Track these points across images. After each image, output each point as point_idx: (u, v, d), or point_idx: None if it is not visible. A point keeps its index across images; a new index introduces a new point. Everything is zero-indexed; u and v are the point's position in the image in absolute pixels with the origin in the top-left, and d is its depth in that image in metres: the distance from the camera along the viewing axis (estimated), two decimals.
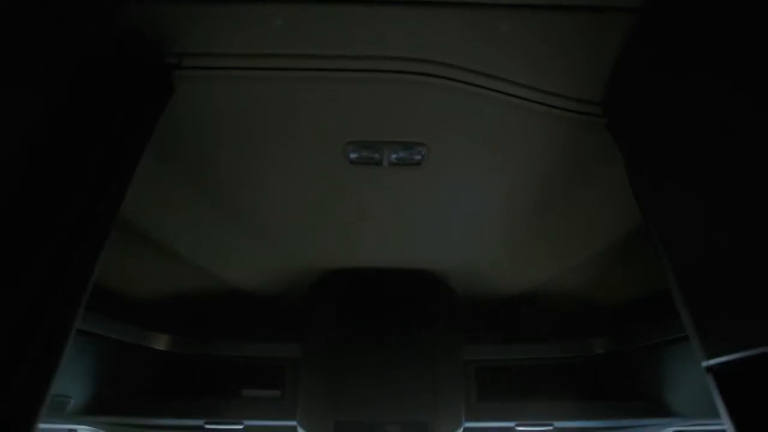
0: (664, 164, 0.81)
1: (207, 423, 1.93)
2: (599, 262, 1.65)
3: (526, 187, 1.25)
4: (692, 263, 0.71)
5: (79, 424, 2.08)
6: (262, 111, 1.01)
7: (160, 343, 1.96)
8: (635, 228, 1.37)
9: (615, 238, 1.47)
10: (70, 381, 1.64)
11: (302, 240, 1.56)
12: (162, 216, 1.40)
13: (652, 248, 0.80)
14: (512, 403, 1.88)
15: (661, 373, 1.77)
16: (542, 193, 1.26)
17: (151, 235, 1.47)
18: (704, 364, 0.66)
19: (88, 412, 1.73)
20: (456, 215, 1.39)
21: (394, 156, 1.14)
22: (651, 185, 0.84)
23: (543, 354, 2.00)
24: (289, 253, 1.65)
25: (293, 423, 1.72)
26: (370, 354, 1.73)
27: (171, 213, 1.39)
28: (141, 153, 0.72)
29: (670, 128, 0.80)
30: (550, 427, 1.90)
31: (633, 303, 1.90)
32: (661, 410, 1.79)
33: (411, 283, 1.80)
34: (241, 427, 1.94)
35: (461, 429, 1.69)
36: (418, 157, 1.13)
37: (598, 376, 1.95)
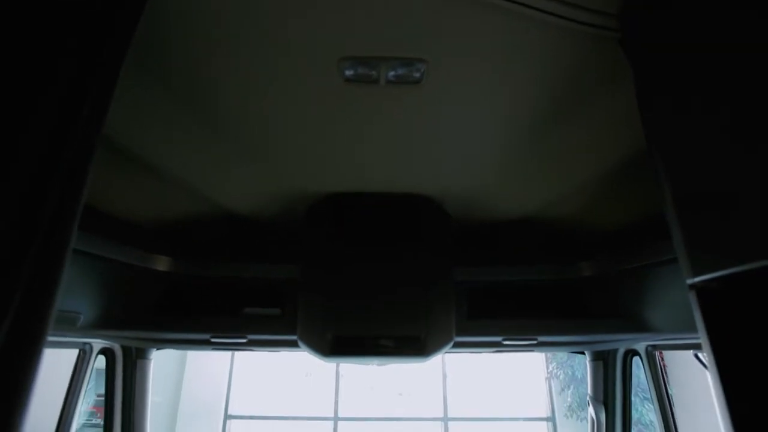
0: (675, 83, 0.77)
1: (213, 337, 2.06)
2: (593, 188, 1.66)
3: (527, 107, 1.20)
4: (693, 184, 0.71)
5: (90, 337, 2.23)
6: (249, 21, 0.93)
7: (163, 264, 2.02)
8: (633, 153, 1.35)
9: (611, 164, 1.45)
10: (79, 298, 1.71)
11: (296, 163, 1.53)
12: (156, 141, 1.37)
13: (653, 169, 0.80)
14: (500, 320, 2.01)
15: (640, 293, 1.87)
16: (543, 115, 1.22)
17: (147, 161, 1.44)
18: (689, 281, 0.68)
19: (98, 326, 1.84)
20: (454, 137, 1.36)
21: (392, 73, 1.07)
22: (659, 103, 0.81)
23: (532, 276, 2.09)
24: (283, 176, 1.63)
25: (294, 337, 1.83)
26: (365, 274, 1.79)
27: (165, 137, 1.35)
28: (121, 62, 0.66)
29: (685, 46, 0.75)
30: (534, 341, 2.05)
31: (620, 229, 1.95)
32: (638, 326, 1.92)
33: (406, 206, 1.81)
34: (245, 340, 2.08)
35: (452, 343, 1.81)
36: (417, 74, 1.07)
37: (583, 296, 2.06)
